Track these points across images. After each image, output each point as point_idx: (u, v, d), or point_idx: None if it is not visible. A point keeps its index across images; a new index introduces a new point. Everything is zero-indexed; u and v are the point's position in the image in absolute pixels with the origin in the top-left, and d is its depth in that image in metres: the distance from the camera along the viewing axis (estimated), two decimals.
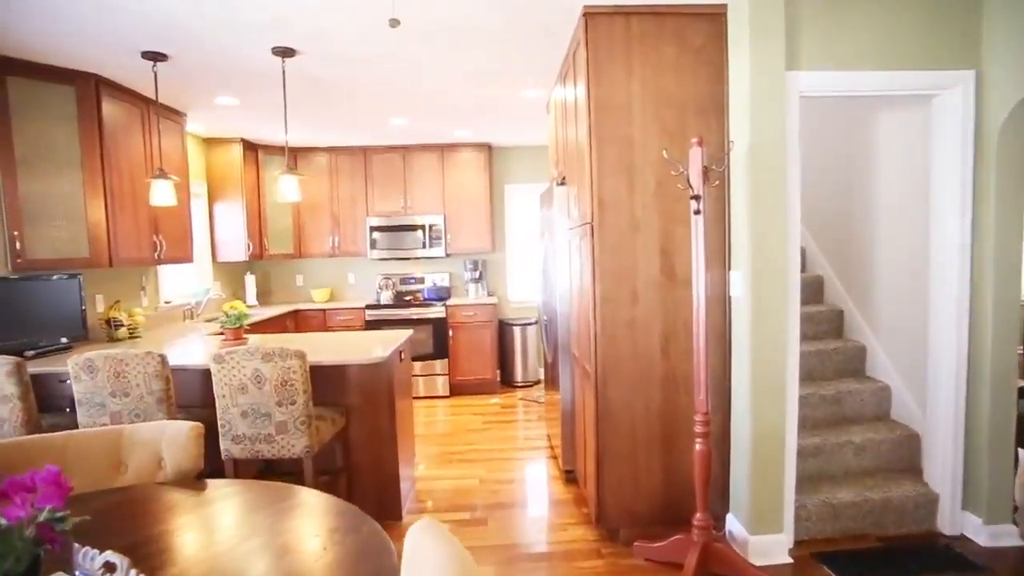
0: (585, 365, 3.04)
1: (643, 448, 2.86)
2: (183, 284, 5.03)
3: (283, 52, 3.23)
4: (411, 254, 6.02)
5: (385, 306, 5.81)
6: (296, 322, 5.71)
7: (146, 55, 3.22)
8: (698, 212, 2.48)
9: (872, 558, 2.66)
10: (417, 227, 5.99)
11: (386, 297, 6.00)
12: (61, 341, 3.44)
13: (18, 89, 3.20)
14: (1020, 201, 2.66)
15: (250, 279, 5.89)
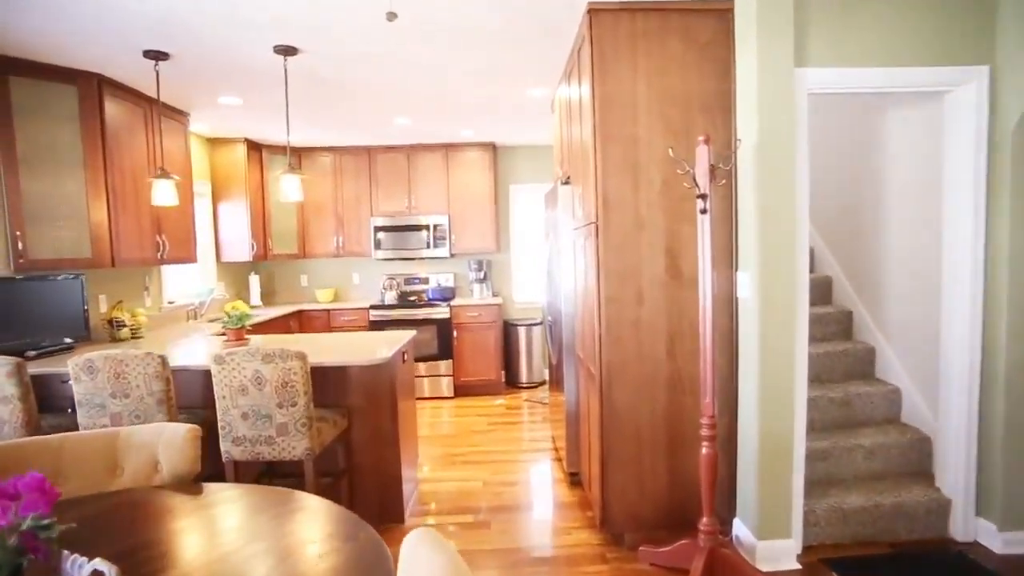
0: (590, 366, 2.99)
1: (648, 451, 2.82)
2: (187, 284, 5.02)
3: (285, 51, 3.21)
4: (415, 254, 5.99)
5: (389, 306, 5.79)
6: (300, 322, 5.69)
7: (148, 54, 3.21)
8: (704, 211, 2.43)
9: (883, 564, 2.60)
10: (422, 227, 5.96)
11: (390, 297, 5.98)
12: (63, 341, 3.43)
13: (20, 89, 3.20)
14: None
15: (254, 279, 5.88)
